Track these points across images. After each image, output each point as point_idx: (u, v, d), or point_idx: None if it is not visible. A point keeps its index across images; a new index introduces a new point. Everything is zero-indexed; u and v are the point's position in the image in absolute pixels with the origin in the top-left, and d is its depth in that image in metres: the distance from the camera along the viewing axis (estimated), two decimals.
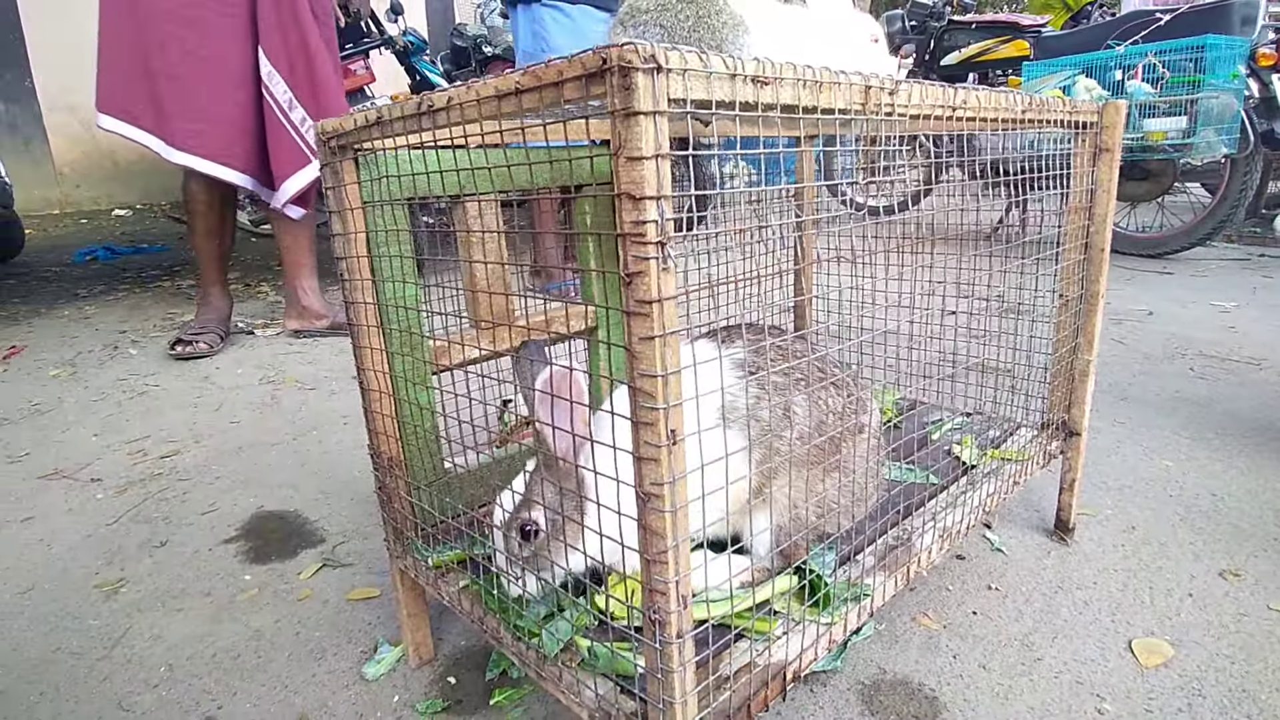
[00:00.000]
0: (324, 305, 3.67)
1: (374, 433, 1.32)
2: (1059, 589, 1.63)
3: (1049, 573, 1.69)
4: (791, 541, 1.22)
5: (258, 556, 1.84)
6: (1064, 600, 1.59)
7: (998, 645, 1.46)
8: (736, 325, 1.35)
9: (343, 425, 2.65)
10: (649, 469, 0.80)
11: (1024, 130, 1.42)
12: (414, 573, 1.34)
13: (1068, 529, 1.85)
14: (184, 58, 2.99)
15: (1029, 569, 1.71)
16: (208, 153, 3.09)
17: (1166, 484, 2.04)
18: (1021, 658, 1.42)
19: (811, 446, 1.19)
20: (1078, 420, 1.81)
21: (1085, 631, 1.48)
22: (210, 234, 3.33)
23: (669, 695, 0.88)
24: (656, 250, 0.75)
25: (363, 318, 1.25)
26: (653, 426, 0.79)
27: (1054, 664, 1.38)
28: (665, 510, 0.81)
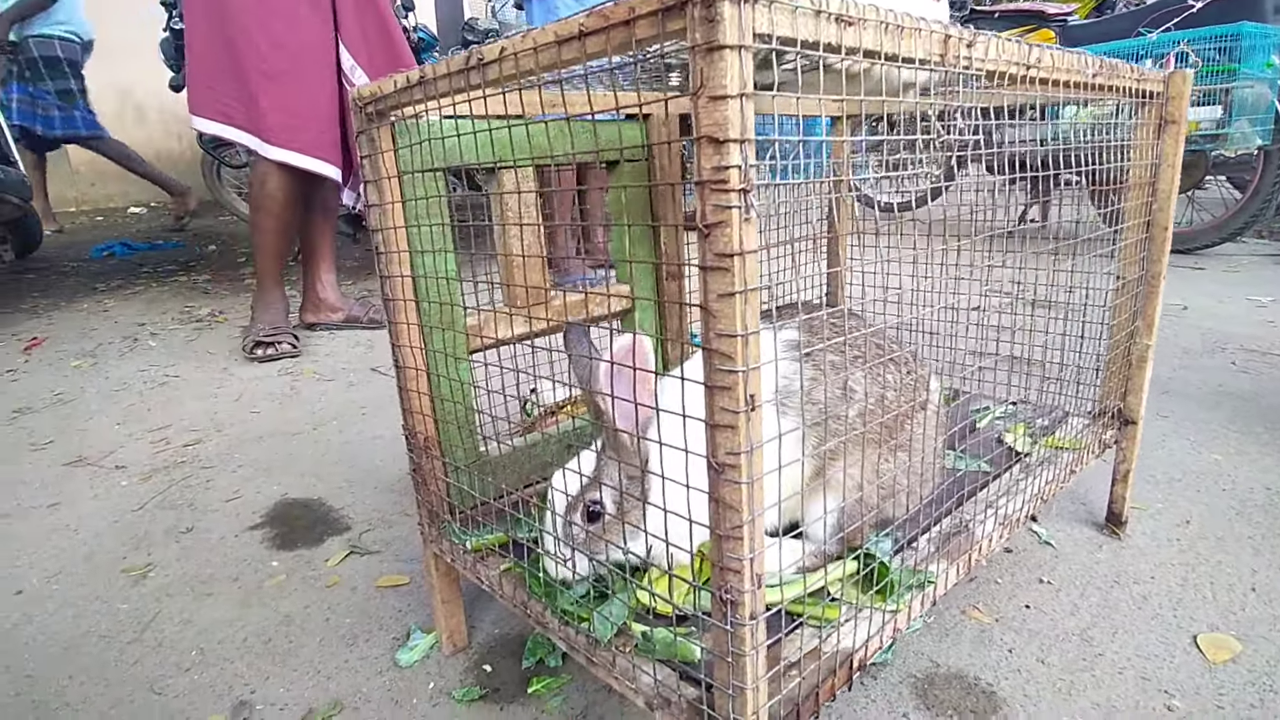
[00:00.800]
0: (340, 298, 3.63)
1: (408, 412, 1.27)
2: (1115, 583, 1.56)
3: (1102, 567, 1.62)
4: (855, 526, 1.16)
5: (284, 543, 1.80)
6: (1121, 595, 1.52)
7: (1055, 639, 1.39)
8: (787, 305, 1.29)
9: (362, 416, 2.61)
10: (724, 438, 0.75)
11: (1055, 118, 1.34)
12: (450, 557, 1.29)
13: (1120, 522, 1.78)
14: (274, 50, 2.92)
15: (1081, 563, 1.64)
16: (302, 147, 3.01)
17: (1218, 478, 1.96)
18: (1082, 653, 1.36)
19: (874, 424, 1.13)
20: (1134, 408, 1.74)
21: (1146, 626, 1.40)
22: (284, 232, 3.23)
23: (739, 680, 0.82)
24: (739, 199, 0.69)
25: (399, 292, 1.20)
26: (730, 391, 0.73)
27: (1116, 659, 1.32)
28: (741, 481, 0.75)
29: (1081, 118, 1.36)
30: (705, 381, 0.75)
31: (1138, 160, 1.58)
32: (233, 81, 2.92)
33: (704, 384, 0.75)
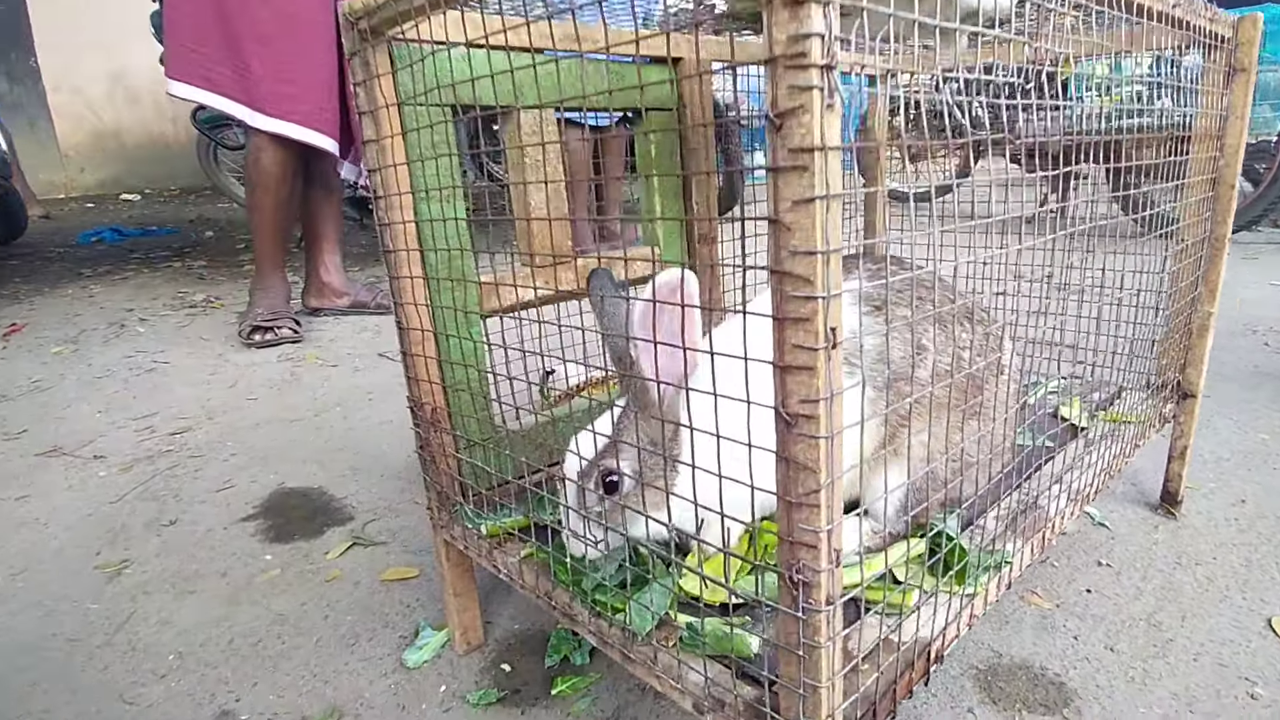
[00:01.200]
0: (345, 282, 3.47)
1: (414, 380, 1.13)
2: (1177, 565, 1.46)
3: (1161, 548, 1.52)
4: (931, 502, 1.02)
5: (279, 535, 1.66)
6: (1185, 577, 1.42)
7: (1121, 625, 1.29)
8: (851, 255, 1.15)
9: (368, 401, 2.47)
10: (798, 382, 0.62)
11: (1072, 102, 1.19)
12: (462, 544, 1.15)
13: (1175, 501, 1.66)
14: (274, 16, 2.73)
15: (1139, 544, 1.54)
16: (300, 118, 2.83)
17: (1267, 457, 1.88)
18: (1151, 639, 1.26)
19: (948, 387, 0.99)
20: (1193, 381, 1.61)
21: (1216, 610, 1.32)
22: (281, 209, 3.04)
23: (813, 676, 0.69)
24: (821, 77, 0.56)
25: (400, 241, 1.06)
26: (806, 324, 0.60)
27: (1189, 645, 1.24)
28: (819, 436, 0.62)
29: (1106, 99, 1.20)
30: (775, 313, 0.61)
31: (1204, 110, 1.44)
32: (221, 45, 2.74)
33: (772, 316, 0.62)
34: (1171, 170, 1.34)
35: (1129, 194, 1.20)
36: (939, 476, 1.01)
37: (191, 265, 4.62)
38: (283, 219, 3.08)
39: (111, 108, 7.72)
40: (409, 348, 1.12)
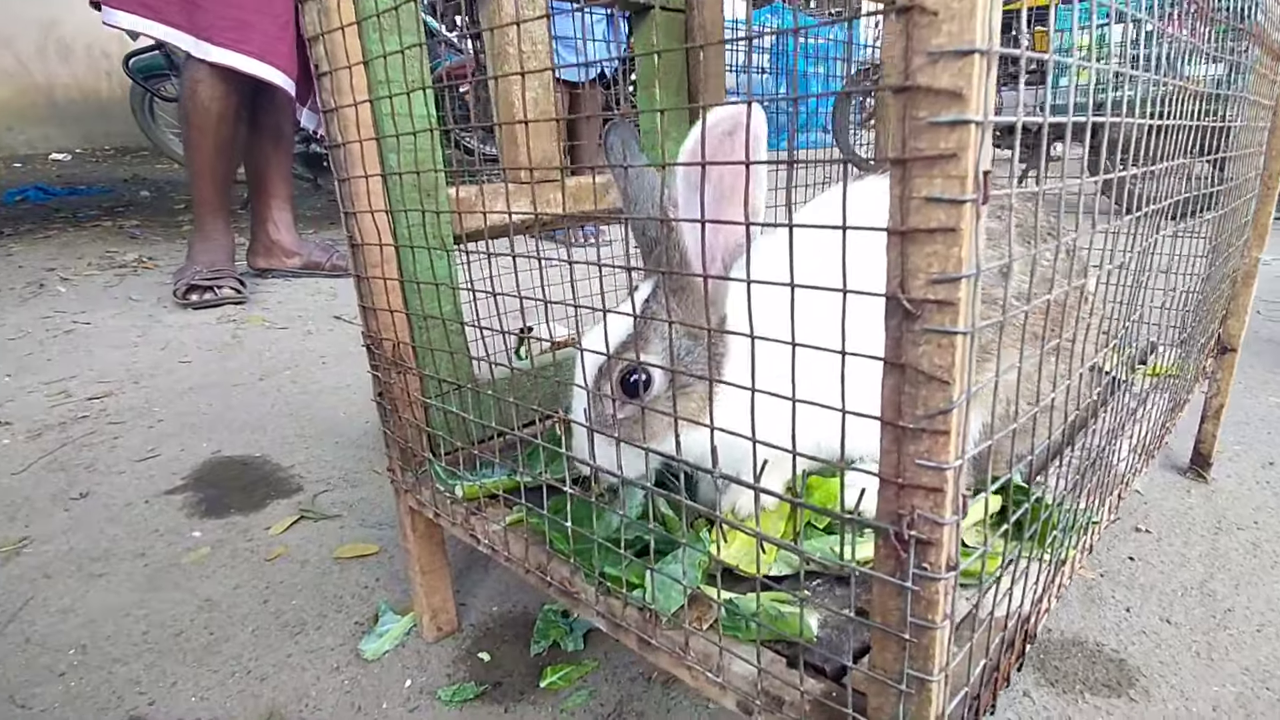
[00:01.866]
0: (297, 241, 3.17)
1: (370, 311, 0.92)
2: (1218, 530, 1.38)
3: (1198, 512, 1.44)
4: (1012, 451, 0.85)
5: (211, 509, 1.43)
6: (1229, 542, 1.34)
7: (1174, 595, 1.19)
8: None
9: (321, 365, 2.22)
10: (930, 252, 0.43)
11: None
12: (432, 510, 0.94)
13: (1206, 464, 1.56)
14: None
15: (1174, 509, 1.45)
16: (252, 50, 2.53)
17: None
18: (1209, 609, 1.16)
19: (1034, 312, 0.81)
20: (1234, 334, 1.48)
21: (1270, 577, 1.23)
22: (221, 152, 2.73)
23: (922, 666, 0.51)
24: None
25: (353, 128, 0.84)
26: (950, 162, 0.42)
27: (1249, 615, 1.14)
28: (957, 330, 0.43)
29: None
30: (899, 150, 0.43)
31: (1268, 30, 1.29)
32: None
33: (892, 158, 0.43)
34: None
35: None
36: (1017, 420, 0.84)
37: (124, 225, 4.23)
38: (223, 164, 2.76)
39: (41, 62, 7.13)
40: (364, 269, 0.90)
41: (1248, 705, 0.97)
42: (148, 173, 6.31)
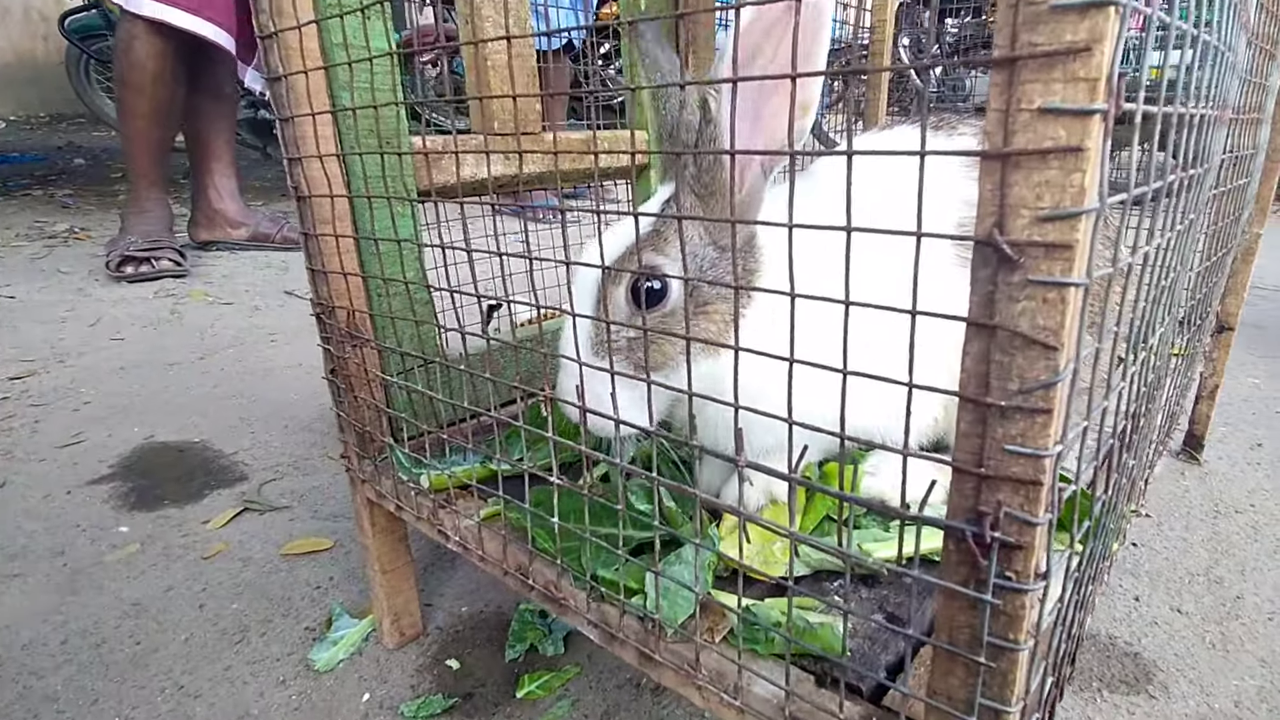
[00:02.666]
0: (243, 210, 2.96)
1: (320, 275, 0.79)
2: (1217, 514, 1.36)
3: (1195, 495, 1.41)
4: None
5: (142, 501, 1.29)
6: (1229, 526, 1.31)
7: (1181, 583, 1.15)
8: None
9: (270, 342, 2.07)
10: (1040, 182, 0.34)
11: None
12: (394, 502, 0.83)
13: (1199, 445, 1.55)
14: None
15: (1170, 492, 1.43)
16: (188, 4, 2.34)
17: (1265, 401, 1.83)
18: (1217, 597, 1.12)
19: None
20: (1232, 312, 1.43)
21: (1273, 561, 1.19)
22: (157, 115, 2.52)
23: (999, 695, 0.42)
24: None
25: (298, 56, 0.71)
26: (1072, 63, 0.32)
27: (1259, 603, 1.10)
28: (1072, 282, 0.34)
29: None
30: (1004, 50, 0.33)
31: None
32: None
33: (997, 58, 0.34)
34: None
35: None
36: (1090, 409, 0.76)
37: (55, 194, 3.94)
38: (159, 128, 2.56)
39: None
40: (314, 227, 0.78)
41: (1270, 700, 0.92)
42: (84, 140, 5.94)
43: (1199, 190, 0.70)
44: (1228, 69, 0.60)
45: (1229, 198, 1.20)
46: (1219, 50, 0.52)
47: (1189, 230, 0.80)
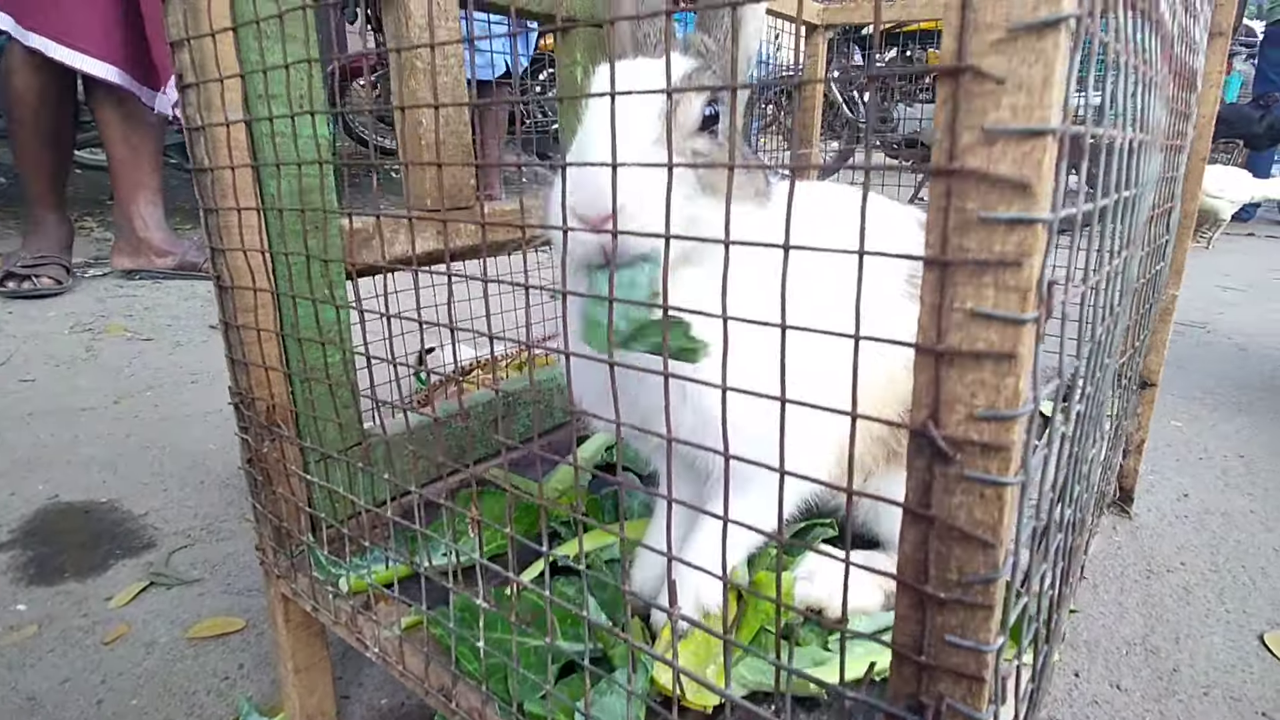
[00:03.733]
0: (169, 238, 2.85)
1: (240, 365, 0.75)
2: (1149, 574, 1.39)
3: (1128, 553, 1.44)
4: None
5: (42, 573, 1.20)
6: (1162, 588, 1.34)
7: (1119, 654, 1.17)
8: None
9: (191, 384, 1.97)
10: (974, 381, 0.35)
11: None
12: (310, 602, 0.79)
13: (1129, 499, 1.59)
14: None
15: (1104, 549, 1.45)
16: (59, 32, 2.28)
17: (1189, 446, 1.88)
18: (1155, 670, 1.14)
19: None
20: (1153, 369, 1.50)
21: (1205, 627, 1.23)
22: (44, 140, 2.48)
23: None
24: None
25: (223, 153, 0.68)
26: (1008, 270, 0.33)
27: (1194, 675, 1.13)
28: (1008, 481, 0.34)
29: None
30: (935, 249, 0.33)
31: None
32: None
33: (929, 257, 0.33)
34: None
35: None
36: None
37: None
38: (51, 151, 2.53)
39: None
40: (234, 316, 0.74)
41: None
42: (6, 157, 5.63)
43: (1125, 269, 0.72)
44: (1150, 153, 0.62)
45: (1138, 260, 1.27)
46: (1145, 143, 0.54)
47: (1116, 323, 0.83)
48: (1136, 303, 1.07)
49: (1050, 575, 0.57)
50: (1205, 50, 1.28)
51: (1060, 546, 0.56)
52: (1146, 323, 1.23)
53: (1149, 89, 0.53)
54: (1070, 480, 0.54)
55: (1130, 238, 0.55)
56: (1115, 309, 0.54)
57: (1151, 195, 0.78)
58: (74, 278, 2.72)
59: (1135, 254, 0.62)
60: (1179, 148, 1.01)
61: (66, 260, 2.69)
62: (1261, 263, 4.26)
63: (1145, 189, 0.58)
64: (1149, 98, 0.53)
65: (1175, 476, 1.72)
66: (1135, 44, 0.45)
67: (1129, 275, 0.62)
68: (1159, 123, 0.63)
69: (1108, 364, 0.59)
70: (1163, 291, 1.46)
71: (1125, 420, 1.37)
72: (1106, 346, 0.55)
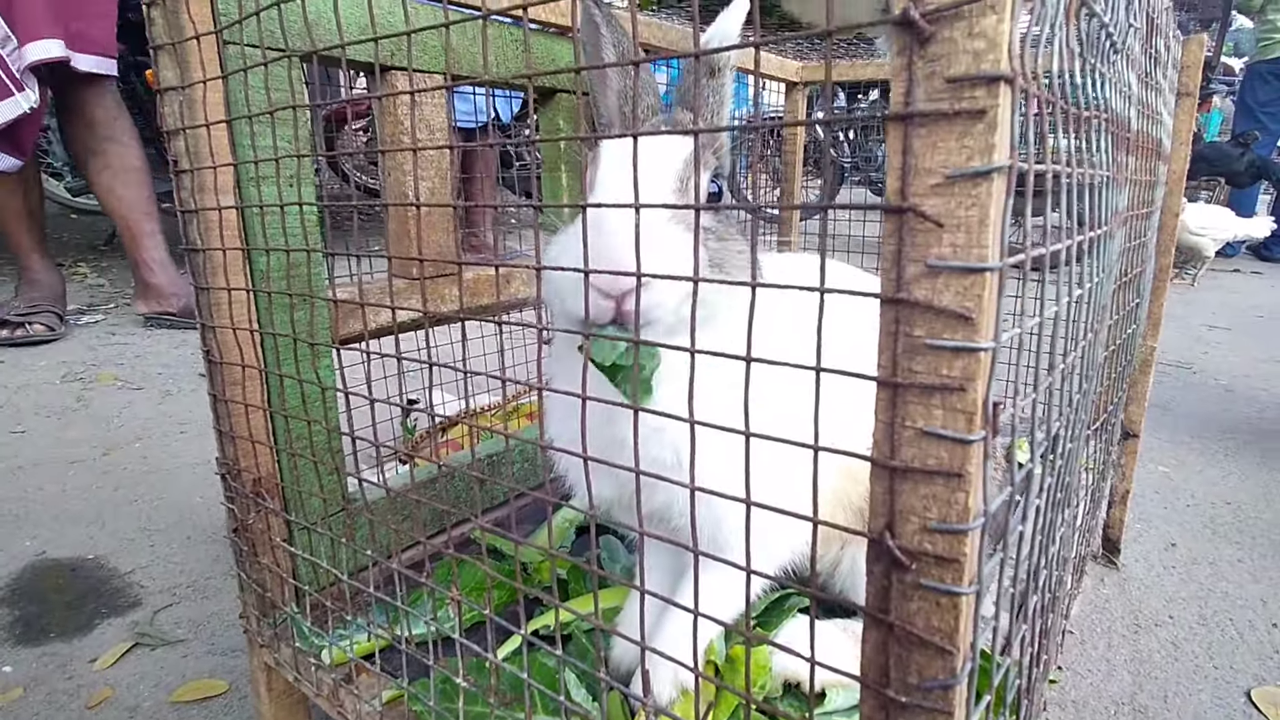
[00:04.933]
0: (175, 281, 2.86)
1: (228, 437, 0.76)
2: (1137, 628, 1.37)
3: (1115, 606, 1.44)
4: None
5: (28, 633, 1.19)
6: (1150, 643, 1.33)
7: (1108, 714, 1.15)
8: None
9: (180, 434, 1.97)
10: (928, 494, 0.36)
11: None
12: (293, 671, 0.79)
13: (1116, 549, 1.59)
14: None
15: (1091, 602, 1.44)
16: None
17: (1176, 493, 1.88)
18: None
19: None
20: (1135, 420, 1.52)
21: (1194, 685, 1.23)
22: (9, 187, 2.49)
23: None
24: None
25: (215, 235, 0.70)
26: (955, 394, 0.34)
27: None
28: (961, 591, 0.36)
29: None
30: (885, 372, 0.35)
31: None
32: None
33: (880, 378, 0.35)
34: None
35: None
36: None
37: None
38: (18, 198, 2.54)
39: None
40: (223, 391, 0.75)
41: None
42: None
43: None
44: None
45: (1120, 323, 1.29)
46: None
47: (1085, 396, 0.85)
48: (1109, 368, 1.09)
49: (1026, 650, 0.58)
50: (1172, 110, 1.33)
51: (1027, 636, 0.57)
52: (1122, 381, 1.25)
53: (1105, 187, 0.55)
54: (1037, 563, 0.55)
55: (1089, 326, 0.57)
56: (1074, 398, 0.56)
57: (1115, 269, 0.80)
58: (67, 325, 2.74)
59: (1098, 338, 0.65)
60: (1146, 214, 1.04)
61: (60, 308, 2.72)
62: (1245, 301, 4.32)
63: (1103, 279, 0.60)
64: (1104, 194, 0.56)
65: (1163, 525, 1.72)
66: (1086, 154, 0.48)
67: (1091, 358, 0.64)
68: (1116, 208, 0.65)
69: (1070, 447, 0.61)
70: (1141, 344, 1.49)
71: (1109, 473, 1.38)
72: (1068, 433, 0.57)
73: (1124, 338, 1.04)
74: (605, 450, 0.50)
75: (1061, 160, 0.42)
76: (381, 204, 0.60)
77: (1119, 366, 1.14)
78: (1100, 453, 1.40)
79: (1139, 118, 0.82)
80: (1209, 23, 6.14)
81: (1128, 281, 0.96)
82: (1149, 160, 1.00)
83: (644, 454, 0.47)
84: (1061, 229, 0.46)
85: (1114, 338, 1.00)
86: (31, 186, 2.64)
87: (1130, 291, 1.00)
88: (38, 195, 2.70)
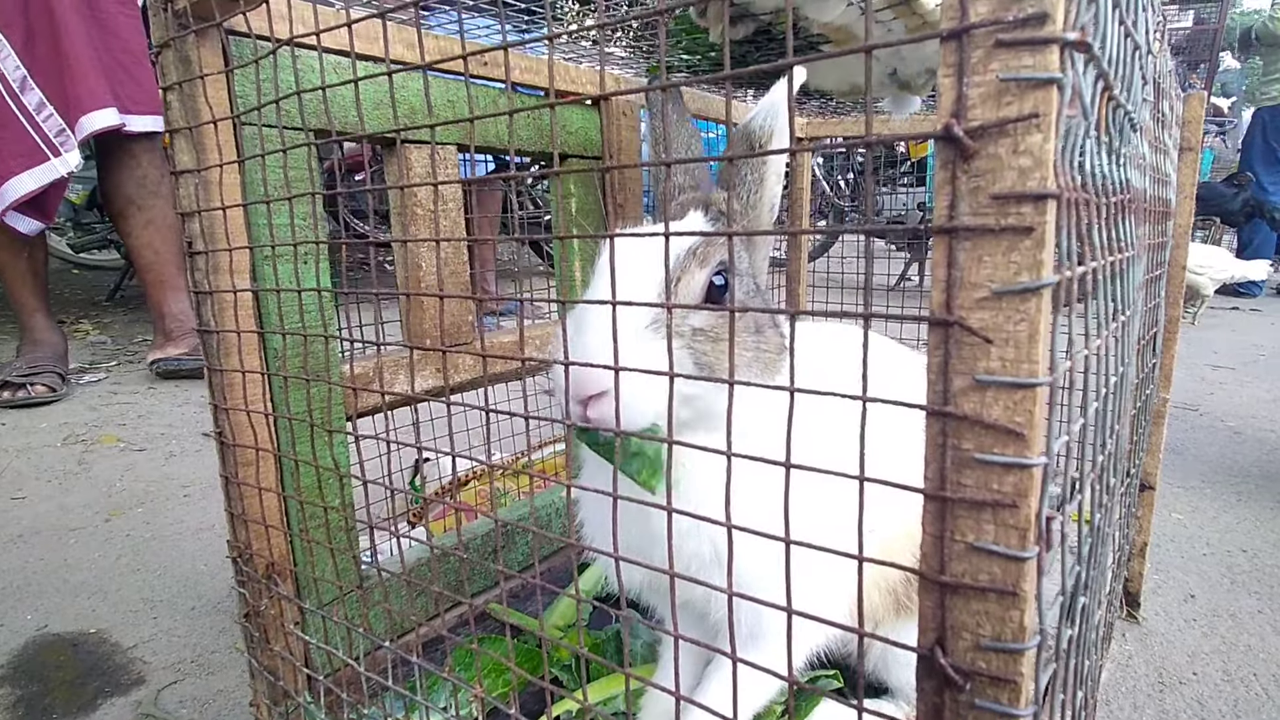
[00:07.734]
0: (192, 326, 2.90)
1: (239, 520, 0.75)
2: (1161, 686, 1.33)
3: (1139, 664, 1.40)
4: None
5: (31, 714, 1.16)
6: (1175, 703, 1.29)
7: None
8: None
9: (183, 499, 1.95)
10: (981, 612, 0.34)
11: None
12: None
13: (1136, 603, 1.55)
14: None
15: (1115, 659, 1.40)
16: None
17: (1192, 541, 1.85)
18: None
19: None
20: (1150, 472, 1.50)
21: None
22: (11, 249, 2.51)
23: None
24: (1065, 60, 0.30)
25: (229, 317, 0.70)
26: (1007, 510, 0.33)
27: None
28: (1019, 713, 0.34)
29: None
30: (932, 485, 0.34)
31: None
32: None
33: (926, 492, 0.34)
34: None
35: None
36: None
37: None
38: (20, 259, 2.57)
39: None
40: (235, 473, 0.74)
41: None
42: None
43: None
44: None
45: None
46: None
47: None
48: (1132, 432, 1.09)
49: None
50: (1177, 166, 1.35)
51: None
52: (1144, 441, 1.24)
53: (1130, 265, 0.55)
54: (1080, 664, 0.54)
55: (1120, 408, 0.56)
56: (1112, 483, 0.55)
57: (1135, 335, 0.80)
58: (69, 385, 2.74)
59: (1126, 414, 0.64)
60: (1157, 277, 1.04)
61: (62, 368, 2.72)
62: (1247, 339, 4.33)
63: (1131, 359, 0.60)
64: (1130, 272, 0.56)
65: (1181, 575, 1.68)
66: (1117, 241, 0.48)
67: (1120, 435, 0.64)
68: (1138, 282, 0.65)
69: (1105, 532, 0.60)
70: (1156, 396, 1.49)
71: (1128, 529, 1.36)
72: (1100, 532, 0.56)
73: (1144, 399, 1.04)
74: (640, 541, 0.49)
75: (1100, 256, 0.42)
76: (399, 292, 0.60)
77: (1141, 428, 1.13)
78: (1124, 516, 1.39)
79: (1152, 184, 0.82)
80: (1196, 65, 6.31)
81: (1145, 344, 0.96)
82: (1160, 224, 1.00)
83: (682, 548, 0.46)
84: (1100, 320, 0.45)
85: (1135, 401, 0.99)
86: (37, 246, 2.67)
87: (1149, 354, 1.00)
88: (43, 255, 2.73)
